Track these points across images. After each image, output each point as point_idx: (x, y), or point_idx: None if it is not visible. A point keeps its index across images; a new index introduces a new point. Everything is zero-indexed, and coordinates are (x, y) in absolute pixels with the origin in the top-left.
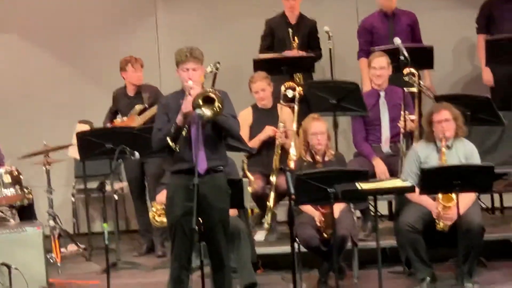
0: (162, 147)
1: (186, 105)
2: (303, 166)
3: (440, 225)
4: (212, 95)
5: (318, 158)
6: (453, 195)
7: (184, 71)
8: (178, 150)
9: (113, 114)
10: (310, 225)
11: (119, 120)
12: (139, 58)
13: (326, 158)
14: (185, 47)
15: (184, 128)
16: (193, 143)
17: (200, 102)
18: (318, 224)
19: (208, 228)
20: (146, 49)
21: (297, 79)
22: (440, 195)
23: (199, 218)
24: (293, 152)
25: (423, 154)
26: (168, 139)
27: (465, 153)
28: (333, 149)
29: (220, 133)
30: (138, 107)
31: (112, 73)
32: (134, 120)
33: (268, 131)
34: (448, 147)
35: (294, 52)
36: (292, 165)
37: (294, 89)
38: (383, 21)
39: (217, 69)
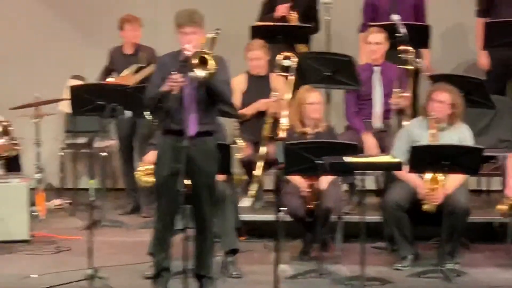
0: (153, 107)
1: (169, 83)
2: (294, 136)
3: (426, 206)
4: (208, 57)
5: (310, 129)
6: (440, 177)
7: (183, 34)
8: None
9: (107, 72)
10: (296, 195)
11: (115, 78)
12: (138, 17)
13: (318, 130)
14: (185, 10)
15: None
16: (185, 105)
17: (196, 61)
18: (305, 194)
19: (194, 191)
20: (145, 7)
21: (298, 49)
22: (427, 177)
23: (186, 181)
24: (284, 122)
25: (415, 133)
26: (149, 111)
27: (459, 136)
28: (325, 121)
29: (213, 98)
30: (135, 66)
31: (108, 30)
32: (129, 78)
33: (261, 105)
34: (442, 129)
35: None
36: (282, 134)
37: (290, 59)
38: None
39: (217, 34)
